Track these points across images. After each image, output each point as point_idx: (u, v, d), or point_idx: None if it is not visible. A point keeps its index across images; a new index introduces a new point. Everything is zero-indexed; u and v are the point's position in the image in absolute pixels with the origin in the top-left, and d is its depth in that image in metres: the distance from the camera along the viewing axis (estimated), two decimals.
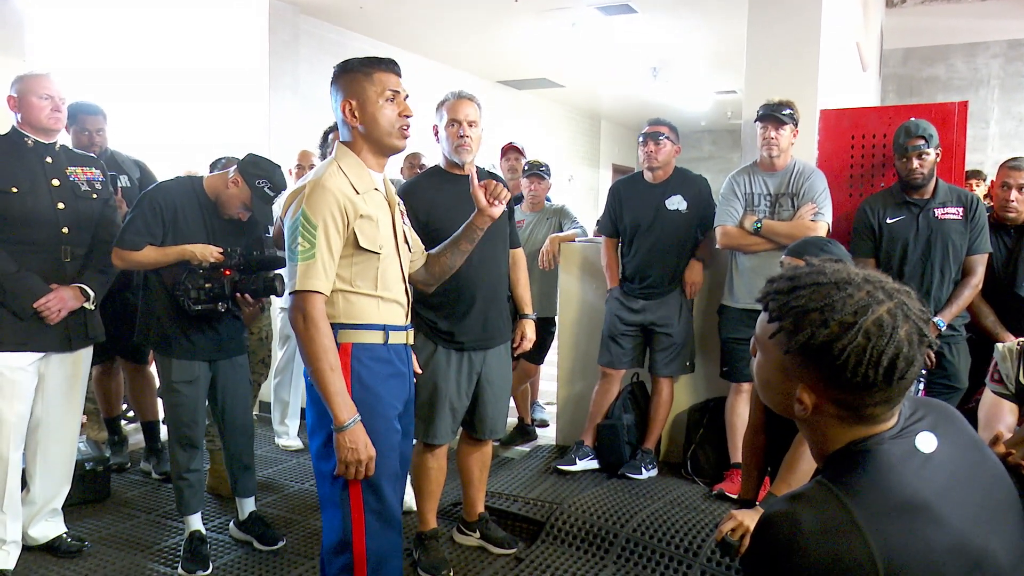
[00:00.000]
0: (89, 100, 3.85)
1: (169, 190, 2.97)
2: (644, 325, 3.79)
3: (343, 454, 1.96)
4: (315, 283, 1.97)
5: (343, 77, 2.09)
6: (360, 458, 1.97)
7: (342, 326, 2.05)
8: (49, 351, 2.96)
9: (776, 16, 3.98)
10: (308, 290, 1.97)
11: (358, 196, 2.04)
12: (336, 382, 1.97)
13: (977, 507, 1.09)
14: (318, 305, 1.98)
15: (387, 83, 2.06)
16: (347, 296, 2.06)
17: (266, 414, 4.76)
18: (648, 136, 3.74)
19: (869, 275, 1.11)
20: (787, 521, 1.04)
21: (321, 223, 1.97)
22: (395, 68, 2.11)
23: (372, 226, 2.06)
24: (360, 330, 2.08)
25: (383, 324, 2.11)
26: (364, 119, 2.07)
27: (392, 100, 2.07)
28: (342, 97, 2.08)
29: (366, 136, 2.08)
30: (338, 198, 2.00)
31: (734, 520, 1.91)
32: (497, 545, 3.19)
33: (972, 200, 3.40)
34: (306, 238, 1.97)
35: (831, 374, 1.07)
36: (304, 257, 1.97)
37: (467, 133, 2.85)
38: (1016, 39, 8.47)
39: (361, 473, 1.99)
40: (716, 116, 11.89)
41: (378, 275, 2.09)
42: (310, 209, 1.98)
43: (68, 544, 3.11)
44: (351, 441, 1.96)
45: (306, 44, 7.06)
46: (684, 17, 7.28)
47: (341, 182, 2.03)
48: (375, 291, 2.09)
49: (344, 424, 1.96)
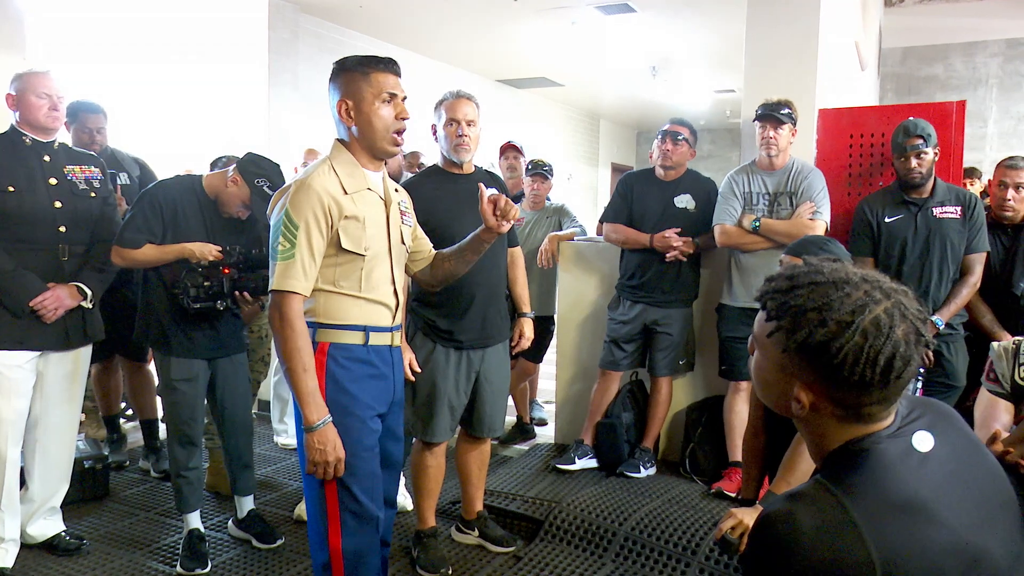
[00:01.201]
0: (89, 98, 3.86)
1: (169, 188, 2.97)
2: (645, 325, 3.80)
3: (312, 454, 1.97)
4: (292, 283, 1.96)
5: (341, 75, 2.07)
6: (328, 459, 1.97)
7: (321, 325, 2.05)
8: (47, 349, 2.96)
9: (775, 16, 3.99)
10: (285, 290, 1.96)
11: (346, 196, 2.03)
12: (308, 382, 1.97)
13: (974, 506, 1.09)
14: (294, 306, 1.97)
15: (384, 84, 2.04)
16: (328, 296, 2.05)
17: (265, 412, 4.75)
18: (667, 134, 3.75)
19: (867, 274, 1.11)
20: (785, 520, 1.04)
21: (303, 223, 1.96)
22: (394, 68, 2.08)
23: (358, 227, 2.04)
24: (338, 330, 2.06)
25: (363, 325, 2.09)
26: (359, 120, 2.05)
27: (389, 102, 2.05)
28: (339, 96, 2.06)
29: (359, 138, 2.07)
30: (322, 198, 1.98)
31: (734, 518, 1.91)
32: (496, 543, 3.19)
33: (970, 199, 3.41)
34: (287, 237, 1.96)
35: (828, 373, 1.07)
36: (283, 257, 1.97)
37: (466, 132, 2.85)
38: (1014, 38, 8.48)
39: (330, 474, 2.00)
40: (715, 115, 11.90)
41: (362, 276, 2.07)
42: (293, 209, 1.97)
43: (67, 542, 3.11)
44: (319, 442, 1.96)
45: (306, 42, 7.06)
46: (683, 16, 7.29)
47: (328, 182, 2.01)
48: (358, 292, 2.07)
49: (313, 424, 1.96)
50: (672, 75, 9.56)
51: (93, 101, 3.85)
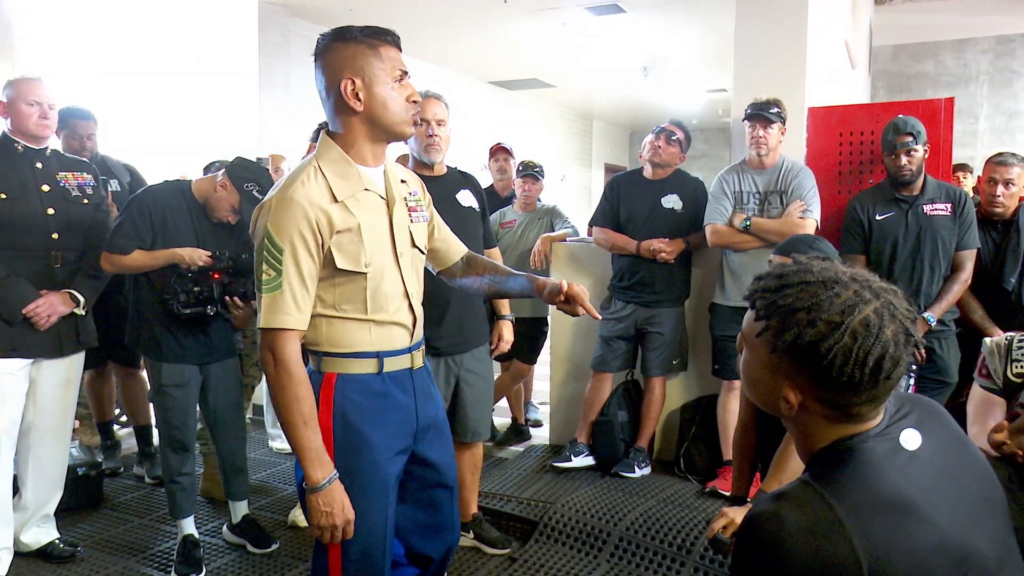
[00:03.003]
0: (80, 104, 3.84)
1: (157, 194, 2.97)
2: (637, 325, 3.80)
3: (316, 517, 1.70)
4: (283, 319, 1.66)
5: (339, 49, 1.73)
6: (335, 523, 1.70)
7: (326, 354, 1.77)
8: (40, 356, 2.95)
9: (763, 14, 4.00)
10: (276, 327, 1.66)
11: (335, 205, 1.71)
12: (311, 438, 1.69)
13: (962, 503, 1.10)
14: (288, 346, 1.67)
15: (396, 61, 1.75)
16: (331, 321, 1.76)
17: (260, 417, 4.75)
18: (663, 131, 3.76)
19: (856, 274, 1.11)
20: (771, 520, 1.04)
21: (288, 245, 1.65)
22: (399, 42, 1.79)
23: (354, 241, 1.73)
24: (346, 359, 1.77)
25: (375, 351, 1.79)
26: (372, 102, 1.72)
27: (400, 81, 1.76)
28: (341, 75, 1.72)
29: (371, 122, 1.75)
30: (308, 212, 1.66)
31: (725, 518, 1.92)
32: (491, 545, 3.19)
33: (960, 196, 3.42)
34: (271, 265, 1.66)
35: (817, 373, 1.07)
36: (269, 288, 1.66)
37: (436, 132, 2.82)
38: (1005, 35, 8.50)
39: (337, 538, 1.73)
40: (708, 115, 11.90)
41: (367, 297, 1.76)
42: (274, 229, 1.66)
43: (61, 550, 3.10)
44: (325, 504, 1.69)
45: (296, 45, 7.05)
46: (673, 16, 7.30)
47: (314, 190, 1.70)
48: (365, 315, 1.77)
49: (318, 485, 1.68)
50: (664, 75, 9.56)
51: (83, 107, 3.84)
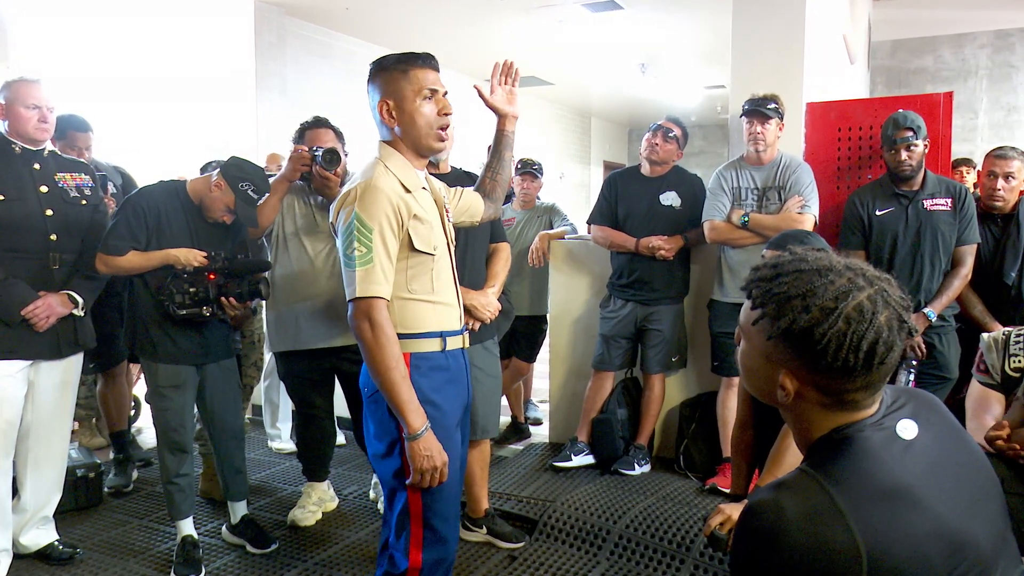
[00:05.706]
0: (78, 113, 3.78)
1: (152, 194, 2.95)
2: (636, 323, 3.80)
3: (419, 462, 1.91)
4: (376, 288, 1.90)
5: (380, 76, 2.01)
6: (436, 464, 1.92)
7: (400, 335, 1.96)
8: (38, 358, 2.94)
9: (761, 10, 3.99)
10: (371, 296, 1.90)
11: (409, 195, 1.98)
12: (409, 390, 1.91)
13: (958, 492, 1.10)
14: (384, 311, 1.91)
15: (425, 81, 1.99)
16: (404, 303, 1.99)
17: (259, 417, 4.74)
18: (659, 128, 3.76)
19: (851, 263, 1.13)
20: (771, 509, 1.05)
21: (377, 226, 1.90)
22: (433, 63, 2.03)
23: (426, 226, 1.99)
24: (418, 339, 2.00)
25: (440, 331, 2.04)
26: (402, 120, 1.99)
27: (430, 98, 2.00)
28: (379, 97, 2.01)
29: (404, 137, 2.01)
30: (391, 198, 1.92)
31: (722, 514, 1.90)
32: (505, 540, 3.21)
33: (960, 191, 3.41)
34: (362, 242, 1.89)
35: (812, 359, 1.08)
36: (363, 262, 1.90)
37: None
38: (1003, 29, 8.49)
39: (436, 480, 1.93)
40: (706, 111, 11.90)
41: (432, 278, 2.02)
42: (364, 212, 1.90)
43: (60, 552, 3.09)
44: (425, 448, 1.90)
45: (292, 45, 7.06)
46: (670, 12, 7.30)
47: (391, 181, 1.96)
48: (431, 295, 2.02)
49: (418, 432, 1.90)
50: (661, 72, 9.56)
51: (81, 117, 3.77)
